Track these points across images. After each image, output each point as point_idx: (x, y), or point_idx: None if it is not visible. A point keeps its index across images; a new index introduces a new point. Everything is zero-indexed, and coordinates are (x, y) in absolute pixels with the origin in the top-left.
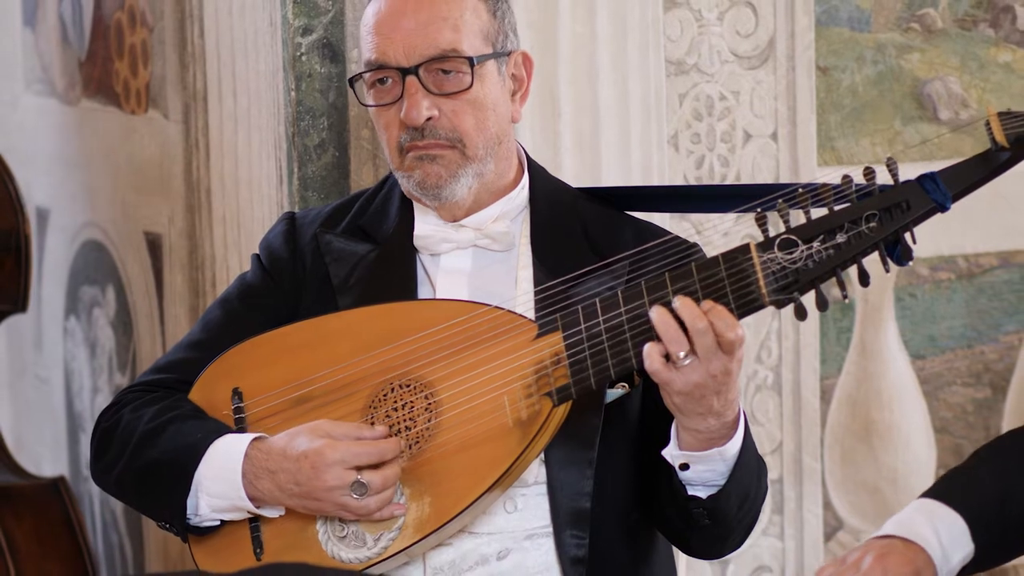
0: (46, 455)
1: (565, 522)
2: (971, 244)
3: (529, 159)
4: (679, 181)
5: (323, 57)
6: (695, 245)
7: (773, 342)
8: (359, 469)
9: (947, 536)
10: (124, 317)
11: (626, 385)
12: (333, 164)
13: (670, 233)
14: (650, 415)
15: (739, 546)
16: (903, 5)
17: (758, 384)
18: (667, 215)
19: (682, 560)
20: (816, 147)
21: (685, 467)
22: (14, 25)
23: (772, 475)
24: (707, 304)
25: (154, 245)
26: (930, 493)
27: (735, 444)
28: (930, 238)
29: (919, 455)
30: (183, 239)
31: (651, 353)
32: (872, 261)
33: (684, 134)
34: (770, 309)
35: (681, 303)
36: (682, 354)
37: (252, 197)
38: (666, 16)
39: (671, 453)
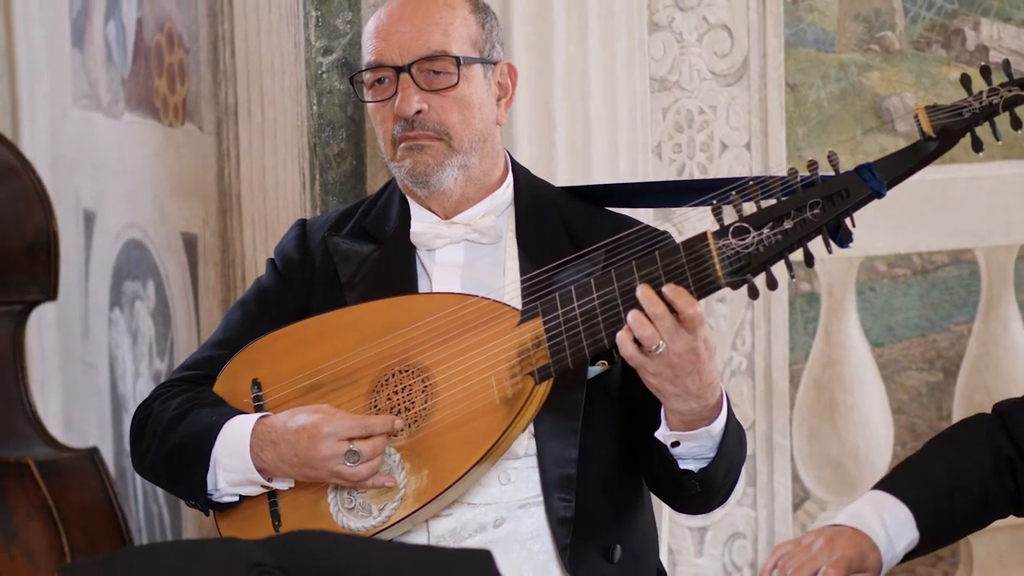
0: (92, 433)
1: (553, 487)
2: (925, 243)
3: (513, 161)
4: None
5: (342, 75)
6: (665, 233)
7: (747, 331)
8: (351, 440)
9: (893, 524)
10: (163, 309)
11: (606, 362)
12: (351, 171)
13: (643, 224)
14: (633, 388)
15: (724, 502)
16: (864, 28)
17: (733, 369)
18: (651, 212)
19: (664, 527)
20: (785, 156)
21: (676, 444)
22: (64, 46)
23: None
24: (669, 287)
25: (190, 244)
26: (881, 485)
27: (720, 423)
28: (888, 238)
29: (878, 433)
30: (216, 239)
31: (623, 341)
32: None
33: (667, 144)
34: (747, 302)
35: (641, 293)
36: (654, 346)
37: (278, 201)
38: (650, 38)
39: (663, 434)
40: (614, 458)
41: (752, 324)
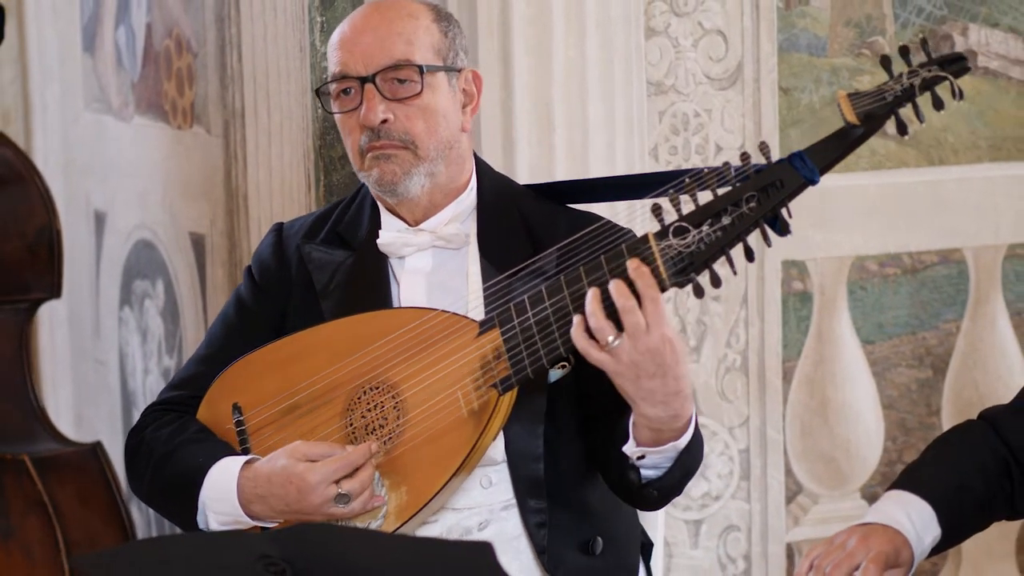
0: (104, 428)
1: (525, 493)
2: (915, 243)
3: (480, 163)
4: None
5: None
6: (626, 230)
7: (741, 329)
8: (338, 482)
9: (919, 521)
10: (172, 307)
11: (565, 364)
12: (354, 173)
13: (602, 219)
14: (591, 397)
15: (679, 495)
16: (855, 34)
17: (728, 366)
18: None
19: (660, 520)
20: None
21: (641, 457)
22: (75, 51)
23: (740, 446)
24: (632, 262)
25: (198, 244)
26: (899, 484)
27: (685, 440)
28: (879, 238)
29: (869, 428)
30: (223, 239)
31: (576, 335)
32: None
33: (663, 147)
34: (742, 301)
35: (614, 286)
36: (610, 338)
37: (284, 202)
38: (647, 43)
39: (630, 449)
40: (582, 455)
41: (746, 322)
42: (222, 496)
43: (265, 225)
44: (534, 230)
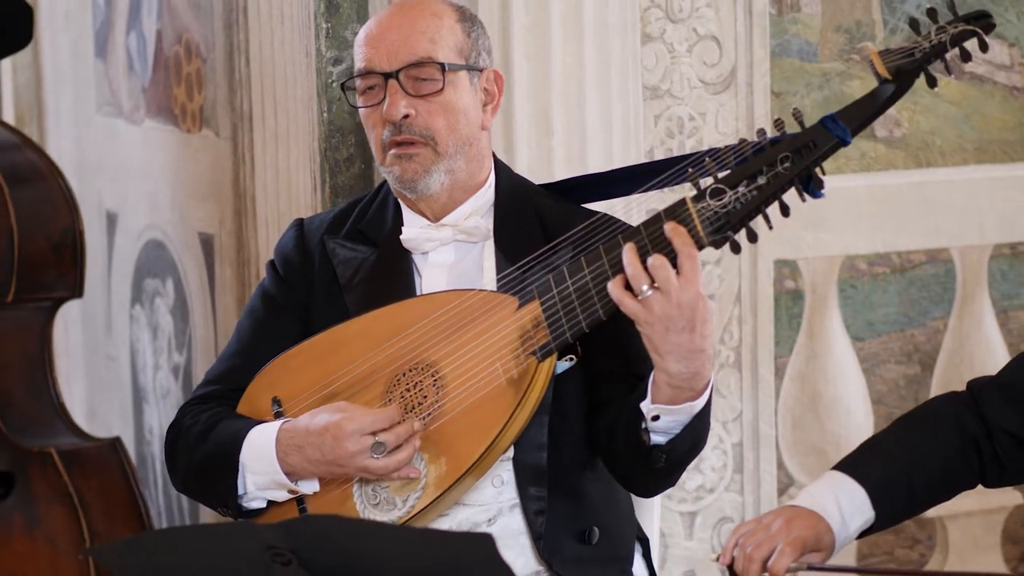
0: (115, 423)
1: (527, 477)
2: (904, 243)
3: (498, 161)
4: (655, 190)
5: None
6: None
7: (734, 326)
8: (374, 434)
9: (848, 507)
10: (181, 305)
11: (573, 357)
12: (359, 175)
13: (616, 218)
14: (598, 384)
15: (674, 484)
16: (845, 39)
17: (721, 362)
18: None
19: (656, 512)
20: None
21: (656, 418)
22: (87, 56)
23: (733, 440)
24: (669, 225)
25: (207, 244)
26: (841, 465)
27: (701, 403)
28: (868, 237)
29: (859, 423)
30: (232, 239)
31: (612, 287)
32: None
33: (658, 150)
34: (735, 299)
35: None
36: (644, 287)
37: (290, 203)
38: (643, 49)
39: (646, 407)
40: (584, 447)
41: (739, 319)
42: (260, 455)
43: (272, 225)
44: (549, 227)
